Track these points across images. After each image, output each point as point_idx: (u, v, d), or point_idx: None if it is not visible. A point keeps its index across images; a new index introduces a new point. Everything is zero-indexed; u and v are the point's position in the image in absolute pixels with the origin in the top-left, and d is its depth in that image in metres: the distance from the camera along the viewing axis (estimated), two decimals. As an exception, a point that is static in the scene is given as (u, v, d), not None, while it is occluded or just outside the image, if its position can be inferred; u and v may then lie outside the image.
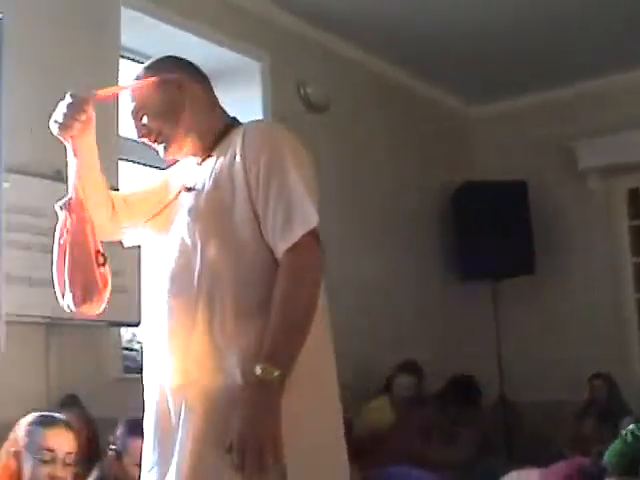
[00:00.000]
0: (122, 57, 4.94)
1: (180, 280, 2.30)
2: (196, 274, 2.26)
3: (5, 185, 3.35)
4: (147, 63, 2.58)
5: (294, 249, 2.19)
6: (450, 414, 5.57)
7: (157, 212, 2.48)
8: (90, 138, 2.44)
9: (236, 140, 2.33)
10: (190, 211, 2.35)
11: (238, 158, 2.29)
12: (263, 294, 2.19)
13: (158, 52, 5.31)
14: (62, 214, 2.42)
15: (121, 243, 2.68)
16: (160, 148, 2.48)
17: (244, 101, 5.76)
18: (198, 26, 5.31)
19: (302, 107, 5.97)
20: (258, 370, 2.08)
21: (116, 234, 2.63)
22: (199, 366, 2.22)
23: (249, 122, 2.47)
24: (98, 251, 2.46)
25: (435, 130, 7.26)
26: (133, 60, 5.37)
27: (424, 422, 5.42)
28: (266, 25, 5.74)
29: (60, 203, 2.43)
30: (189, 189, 2.41)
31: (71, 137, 2.38)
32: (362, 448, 4.85)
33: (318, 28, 6.04)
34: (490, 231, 6.83)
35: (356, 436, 5.07)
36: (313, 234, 2.21)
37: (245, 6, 5.59)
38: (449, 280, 7.07)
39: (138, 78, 2.51)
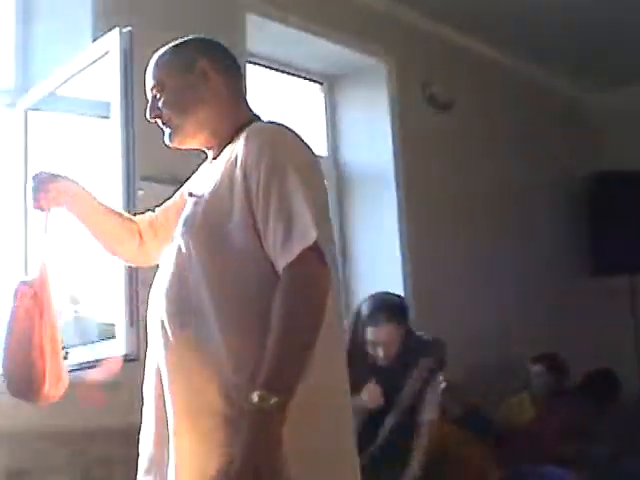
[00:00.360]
0: (249, 62, 4.99)
1: (173, 294, 2.19)
2: (189, 288, 2.14)
3: (139, 192, 3.42)
4: (173, 44, 2.44)
5: (293, 266, 2.01)
6: (589, 410, 5.46)
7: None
8: (77, 201, 2.53)
9: (239, 148, 2.17)
10: (186, 220, 2.23)
11: (238, 164, 2.13)
12: (264, 308, 2.03)
13: (284, 55, 5.44)
14: (26, 290, 2.39)
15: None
16: (166, 134, 2.36)
17: (370, 101, 5.78)
18: (322, 28, 5.32)
19: (428, 106, 5.94)
20: (255, 398, 1.92)
21: (149, 261, 2.62)
22: (188, 383, 2.10)
23: (255, 124, 2.28)
24: (60, 342, 2.43)
25: (561, 121, 7.15)
26: (260, 65, 5.43)
27: (564, 418, 5.33)
28: (390, 24, 5.72)
29: (25, 279, 2.43)
30: (190, 194, 2.31)
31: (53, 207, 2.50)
32: (501, 445, 4.81)
33: (440, 24, 6.01)
34: (626, 223, 6.68)
35: (496, 433, 5.03)
36: (314, 248, 2.01)
37: (368, 6, 5.58)
38: (581, 275, 6.94)
39: (163, 57, 2.41)
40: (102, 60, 3.61)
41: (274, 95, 5.99)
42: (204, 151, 2.42)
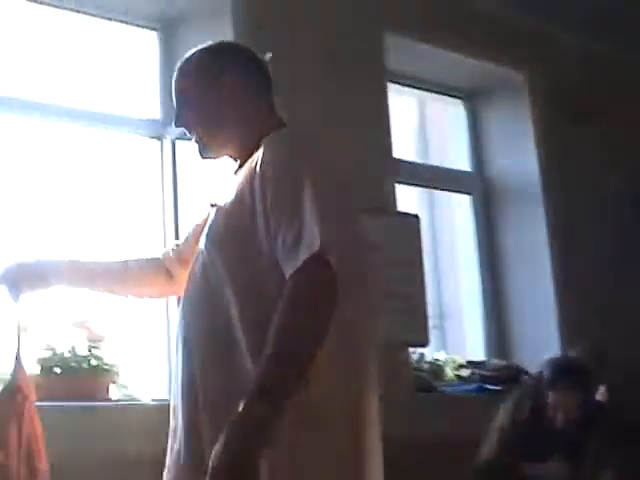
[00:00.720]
0: (390, 82, 4.99)
1: (200, 308, 2.18)
2: (216, 300, 2.12)
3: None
4: (199, 50, 2.38)
5: (297, 273, 1.96)
6: None
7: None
8: (73, 272, 2.53)
9: (259, 153, 2.15)
10: (209, 232, 2.23)
11: (257, 174, 2.10)
12: None
13: (423, 72, 5.43)
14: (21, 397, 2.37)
15: None
16: (196, 147, 2.36)
17: (512, 115, 5.70)
18: (460, 43, 5.28)
19: (572, 117, 5.81)
20: (240, 407, 1.86)
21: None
22: (216, 397, 2.09)
23: (273, 134, 2.23)
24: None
25: None
26: (399, 83, 5.42)
27: None
28: (529, 36, 5.63)
29: (14, 383, 2.39)
30: (213, 205, 2.29)
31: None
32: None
33: (581, 33, 5.87)
34: None
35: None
36: (320, 256, 1.95)
37: (506, 18, 5.51)
38: None
39: (189, 65, 2.36)
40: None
41: (412, 112, 6.01)
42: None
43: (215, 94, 2.29)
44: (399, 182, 4.91)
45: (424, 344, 4.67)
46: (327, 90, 4.50)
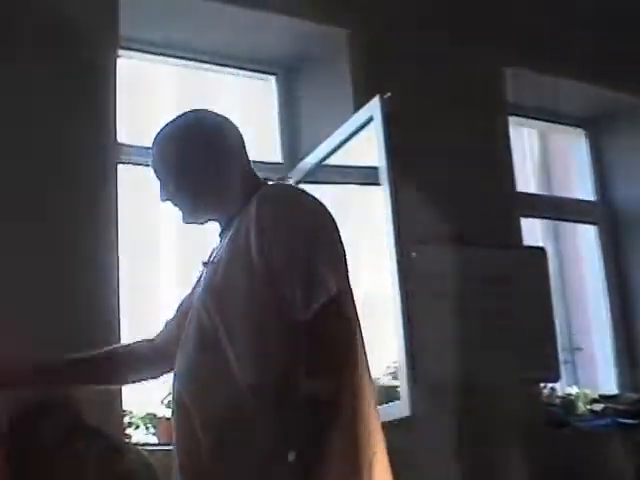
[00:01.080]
0: (510, 114, 4.97)
1: (197, 365, 2.19)
2: (214, 356, 2.13)
3: (412, 255, 3.48)
4: (174, 123, 2.41)
5: (310, 325, 1.99)
6: None
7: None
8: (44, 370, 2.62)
9: (251, 213, 2.15)
10: (205, 286, 2.24)
11: (253, 228, 2.12)
12: (288, 365, 2.01)
13: (543, 103, 5.36)
14: None
15: None
16: (180, 214, 2.39)
17: (636, 142, 5.60)
18: (579, 71, 5.20)
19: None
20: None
21: None
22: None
23: (264, 190, 2.27)
24: None
25: None
26: (520, 115, 5.38)
27: None
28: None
29: None
30: (205, 263, 2.32)
31: None
32: None
33: None
34: None
35: None
36: (333, 302, 2.01)
37: (623, 44, 5.41)
38: None
39: (165, 139, 2.38)
40: (364, 127, 3.72)
41: (534, 143, 5.97)
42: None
43: (195, 168, 2.33)
44: (523, 215, 4.86)
45: (555, 379, 4.61)
46: (449, 127, 4.49)
